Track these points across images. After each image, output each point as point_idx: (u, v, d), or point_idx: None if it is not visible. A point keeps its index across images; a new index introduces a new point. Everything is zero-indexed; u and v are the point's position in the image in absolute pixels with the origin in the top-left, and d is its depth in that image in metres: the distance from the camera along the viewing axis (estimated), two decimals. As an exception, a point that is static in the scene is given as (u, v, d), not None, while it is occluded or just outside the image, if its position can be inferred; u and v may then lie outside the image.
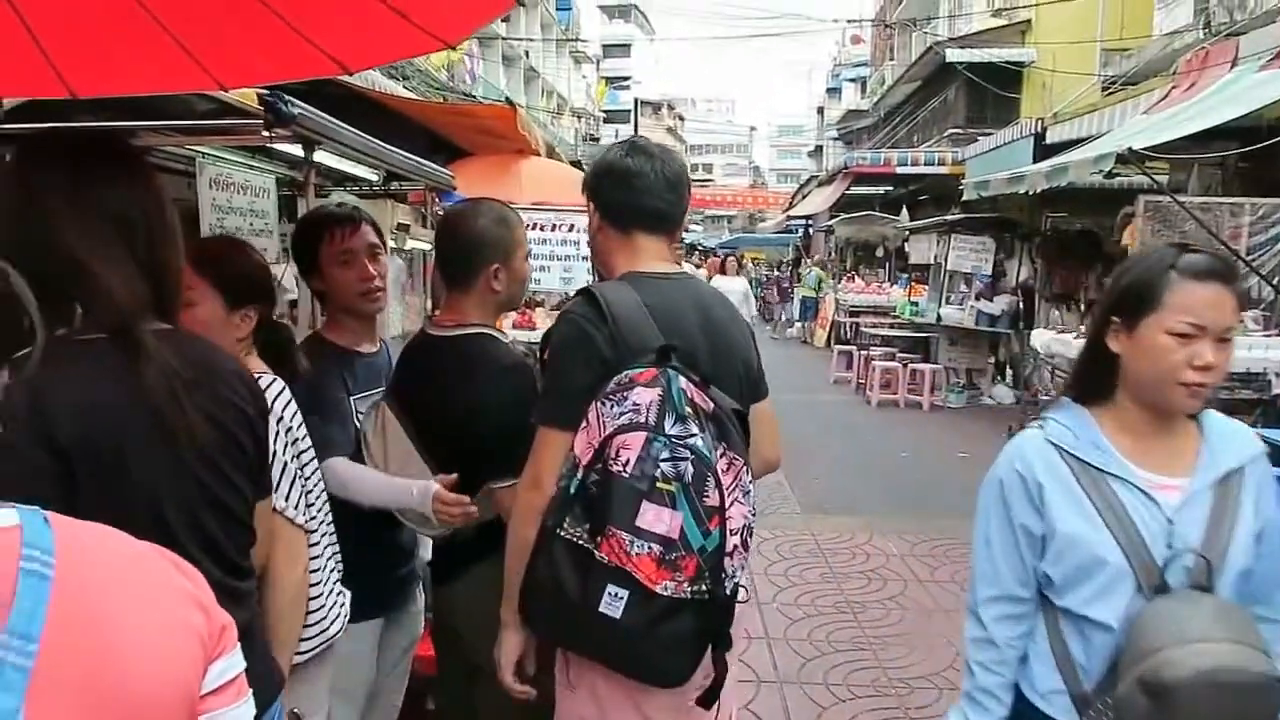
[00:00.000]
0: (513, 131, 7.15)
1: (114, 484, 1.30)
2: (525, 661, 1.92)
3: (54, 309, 1.31)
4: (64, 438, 1.26)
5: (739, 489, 1.72)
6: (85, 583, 0.76)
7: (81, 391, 1.30)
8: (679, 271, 2.05)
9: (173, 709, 0.78)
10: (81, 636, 0.73)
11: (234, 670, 0.85)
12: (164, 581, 0.84)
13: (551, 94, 40.55)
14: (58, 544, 0.76)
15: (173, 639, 0.80)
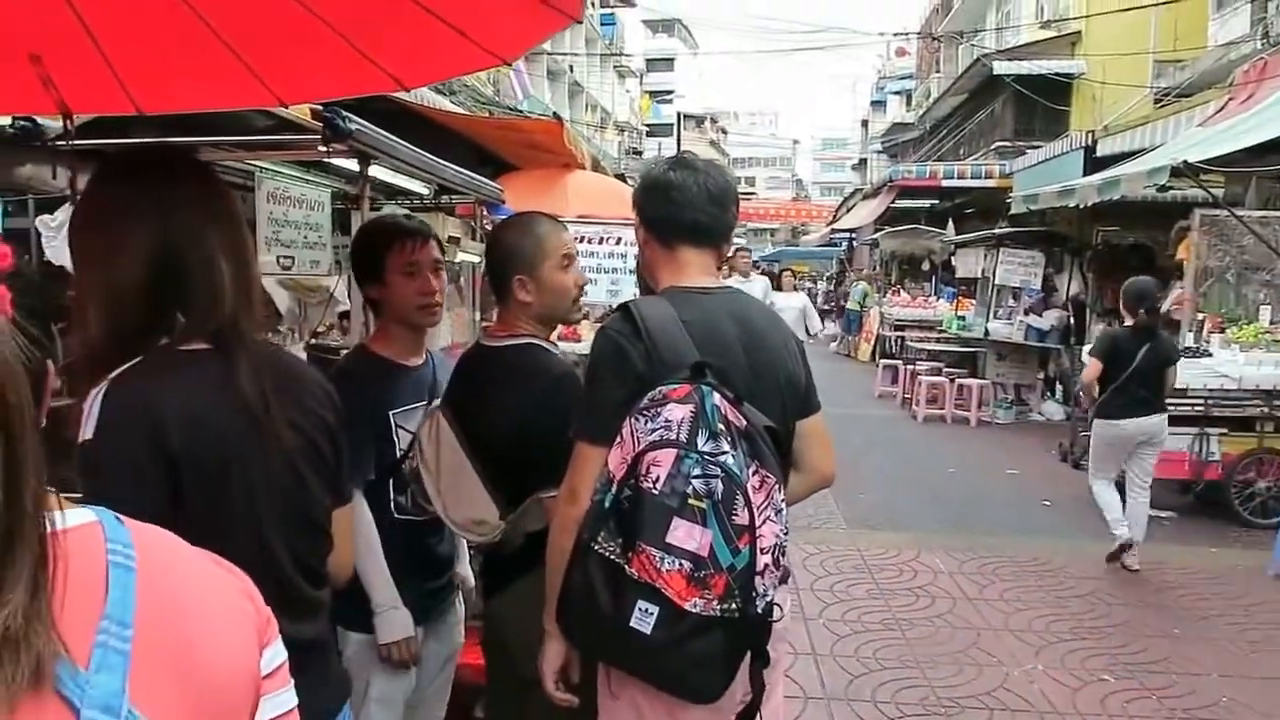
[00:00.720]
0: (560, 145, 7.21)
1: (216, 492, 1.33)
2: (569, 670, 1.93)
3: (161, 318, 1.36)
4: (175, 447, 1.29)
5: (770, 507, 1.71)
6: (160, 574, 0.81)
7: (189, 401, 1.33)
8: (721, 286, 2.05)
9: (244, 690, 0.84)
10: (165, 623, 0.78)
11: (280, 658, 0.90)
12: (219, 575, 0.89)
13: (595, 108, 40.83)
14: (133, 539, 0.81)
15: (237, 626, 0.86)
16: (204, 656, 0.80)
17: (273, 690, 0.87)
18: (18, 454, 0.69)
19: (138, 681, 0.73)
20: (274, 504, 1.40)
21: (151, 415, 1.29)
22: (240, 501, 1.36)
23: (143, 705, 0.72)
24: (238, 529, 1.34)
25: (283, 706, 0.88)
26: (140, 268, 1.36)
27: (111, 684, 0.71)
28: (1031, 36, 22.13)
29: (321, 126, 2.95)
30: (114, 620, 0.74)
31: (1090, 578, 5.69)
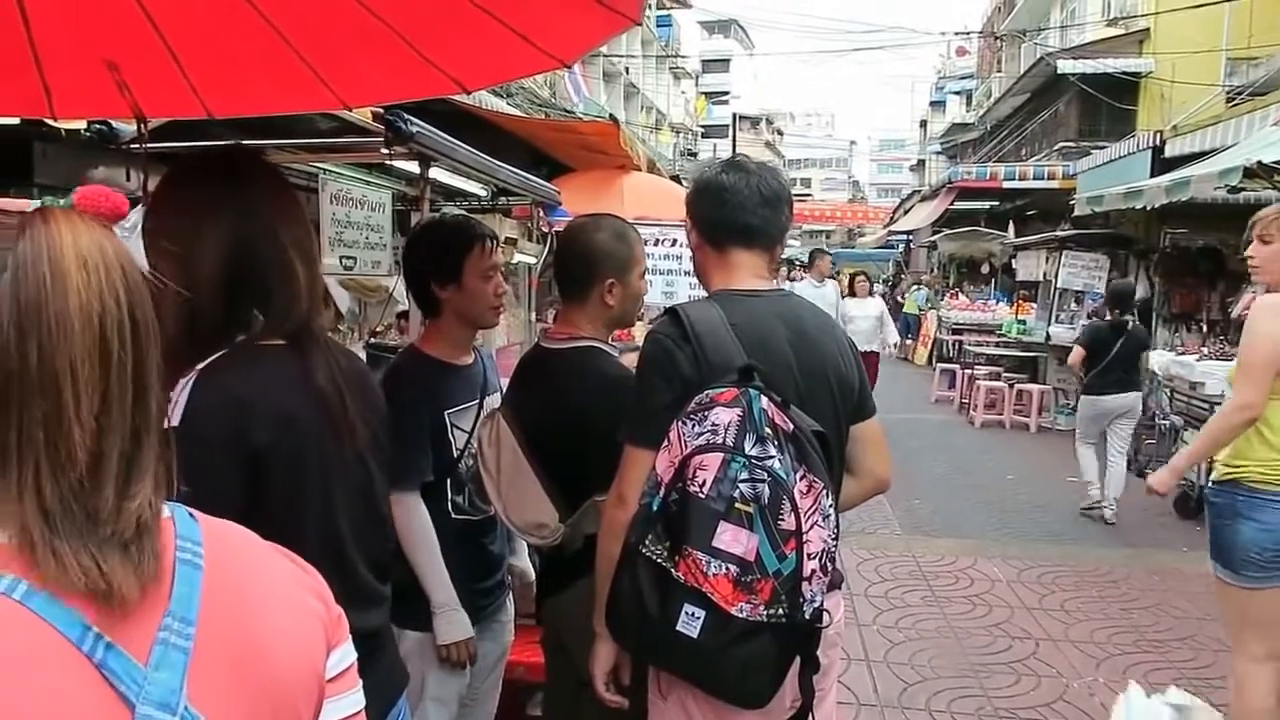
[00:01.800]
0: (615, 147, 7.24)
1: (295, 486, 1.37)
2: (620, 672, 1.94)
3: (238, 315, 1.40)
4: (259, 438, 1.33)
5: (818, 512, 1.70)
6: (229, 572, 0.82)
7: (273, 395, 1.37)
8: (772, 288, 2.04)
9: (308, 690, 0.84)
10: (230, 622, 0.79)
11: (349, 660, 0.90)
12: (291, 574, 0.90)
13: (650, 109, 40.88)
14: (204, 536, 0.82)
15: (304, 625, 0.86)
16: (268, 656, 0.81)
17: (339, 692, 0.87)
18: (144, 364, 0.76)
19: (197, 679, 0.73)
20: (347, 498, 1.44)
21: (239, 406, 1.32)
22: (316, 495, 1.39)
23: (201, 703, 0.73)
24: (313, 522, 1.37)
25: (349, 709, 0.89)
26: (218, 266, 1.40)
27: (170, 681, 0.72)
28: (1097, 34, 21.59)
29: (384, 129, 3.00)
30: (177, 618, 0.75)
31: (1154, 589, 5.55)
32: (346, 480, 1.44)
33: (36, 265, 0.72)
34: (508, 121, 7.30)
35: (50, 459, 0.71)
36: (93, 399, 0.72)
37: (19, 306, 0.71)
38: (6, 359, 0.71)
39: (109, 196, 0.79)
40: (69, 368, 0.71)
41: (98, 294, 0.73)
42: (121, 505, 0.73)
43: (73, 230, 0.74)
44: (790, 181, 2.20)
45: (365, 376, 1.56)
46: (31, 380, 0.70)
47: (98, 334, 0.72)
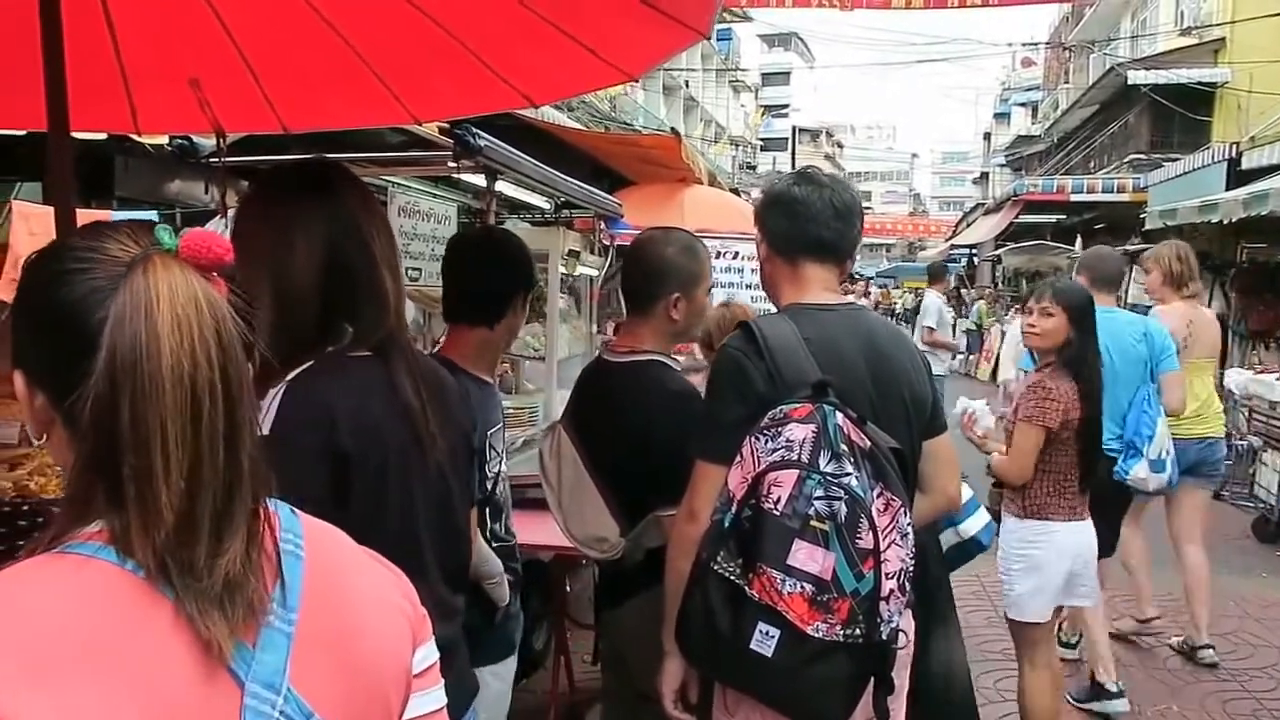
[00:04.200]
0: (676, 160, 7.26)
1: (378, 495, 1.38)
2: (688, 690, 1.92)
3: (328, 326, 1.41)
4: (346, 446, 1.34)
5: (896, 531, 1.66)
6: (326, 565, 0.86)
7: (360, 404, 1.38)
8: (845, 302, 2.02)
9: (397, 682, 0.88)
10: (327, 612, 0.83)
11: (433, 658, 0.93)
12: (380, 572, 0.93)
13: (710, 122, 40.92)
14: (304, 530, 0.86)
15: (393, 620, 0.90)
16: (361, 647, 0.84)
17: (424, 688, 0.90)
18: (237, 418, 0.77)
19: (298, 662, 0.77)
20: (426, 508, 1.44)
21: (328, 414, 1.33)
22: (397, 505, 1.40)
23: (301, 686, 0.77)
24: (393, 531, 1.38)
25: (433, 705, 0.92)
26: (310, 277, 1.41)
27: (275, 663, 0.76)
28: (1170, 44, 21.08)
29: (452, 143, 3.04)
30: (280, 604, 0.79)
31: (1232, 615, 5.34)
32: (427, 491, 1.45)
33: (133, 323, 0.73)
34: (569, 135, 7.37)
35: (140, 514, 0.73)
36: (182, 459, 0.73)
37: (114, 363, 0.72)
38: (101, 412, 0.73)
39: (213, 245, 0.79)
40: (159, 427, 0.72)
41: (189, 354, 0.74)
42: (214, 563, 0.75)
43: (170, 284, 0.75)
44: (860, 195, 2.16)
45: (449, 389, 1.57)
46: (123, 436, 0.72)
47: (189, 394, 0.74)
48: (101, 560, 0.72)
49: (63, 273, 0.78)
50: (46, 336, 0.80)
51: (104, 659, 0.69)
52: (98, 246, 0.79)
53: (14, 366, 0.83)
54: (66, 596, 0.71)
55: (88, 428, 0.73)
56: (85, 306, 0.76)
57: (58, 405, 0.79)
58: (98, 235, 0.81)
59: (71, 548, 0.74)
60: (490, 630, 2.00)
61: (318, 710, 0.78)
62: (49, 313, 0.79)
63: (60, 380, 0.77)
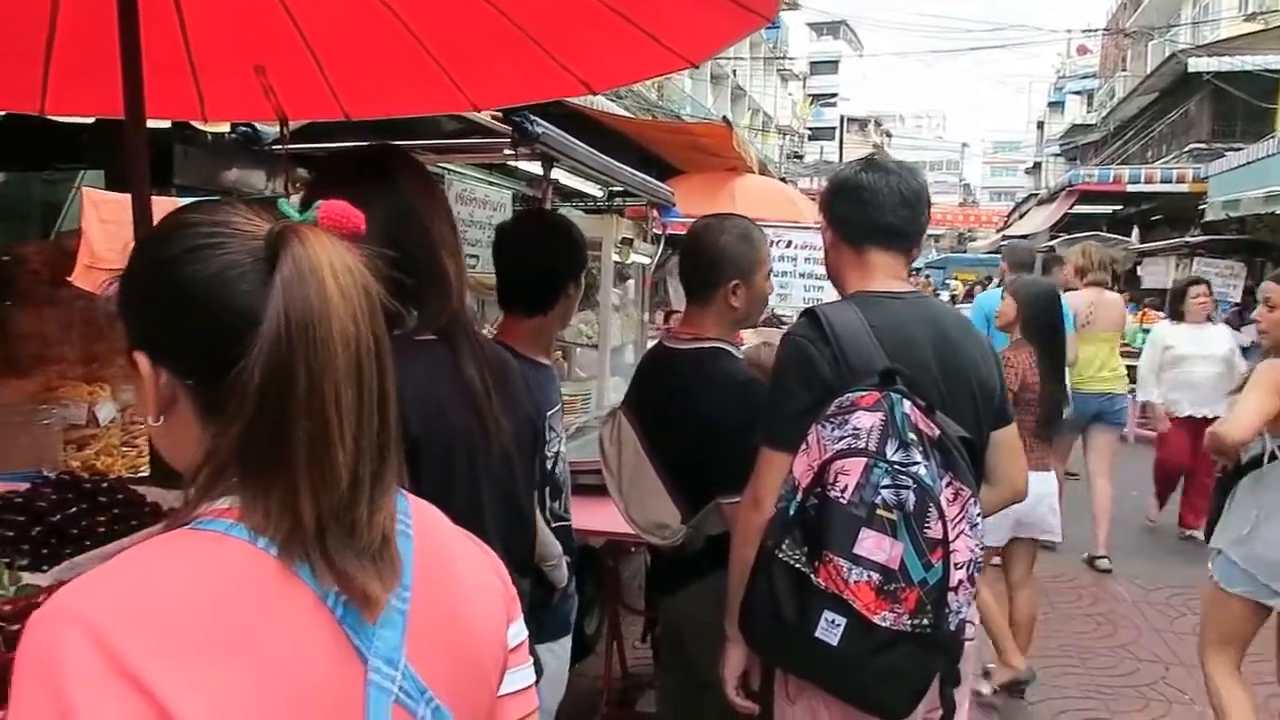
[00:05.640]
0: (728, 149, 7.22)
1: (445, 479, 1.39)
2: (750, 676, 1.92)
3: (395, 312, 1.42)
4: (416, 430, 1.34)
5: (965, 521, 1.64)
6: (432, 545, 0.87)
7: (427, 388, 1.39)
8: (912, 290, 1.99)
9: (495, 658, 0.89)
10: (435, 590, 0.84)
11: (523, 635, 0.94)
12: (475, 551, 0.95)
13: (757, 112, 40.64)
14: (411, 509, 0.87)
15: (490, 599, 0.91)
16: (465, 625, 0.86)
17: (516, 664, 0.92)
18: (385, 383, 0.80)
19: (412, 641, 0.78)
20: (491, 492, 1.45)
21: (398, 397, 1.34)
22: (464, 489, 1.41)
23: (416, 663, 0.78)
24: (460, 514, 1.38)
25: (524, 681, 0.93)
26: (372, 262, 1.42)
27: (393, 639, 0.77)
28: (1233, 30, 20.49)
29: (510, 130, 3.04)
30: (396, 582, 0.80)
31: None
32: (491, 475, 1.45)
33: (303, 287, 0.73)
34: (619, 123, 7.37)
35: (312, 479, 0.74)
36: (352, 421, 0.75)
37: (289, 326, 0.73)
38: (272, 380, 0.73)
39: (349, 216, 0.80)
40: (334, 391, 0.73)
41: (352, 318, 0.75)
42: (372, 520, 0.77)
43: (328, 251, 0.76)
44: (928, 183, 2.13)
45: (511, 372, 1.57)
46: (298, 401, 0.73)
47: (354, 357, 0.75)
48: (235, 538, 0.73)
49: (190, 250, 0.77)
50: (175, 315, 0.78)
51: (242, 636, 0.70)
52: (225, 221, 0.79)
53: (132, 347, 0.82)
54: (204, 574, 0.72)
55: (252, 397, 0.72)
56: (225, 281, 0.76)
57: (186, 384, 0.79)
58: (218, 211, 0.80)
59: (203, 524, 0.75)
60: (548, 609, 2.01)
61: (431, 687, 0.79)
62: (181, 291, 0.77)
63: (194, 359, 0.77)
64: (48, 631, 0.67)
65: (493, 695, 0.89)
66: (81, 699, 0.63)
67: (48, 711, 0.64)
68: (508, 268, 2.24)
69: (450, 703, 0.81)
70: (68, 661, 0.65)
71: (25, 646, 0.68)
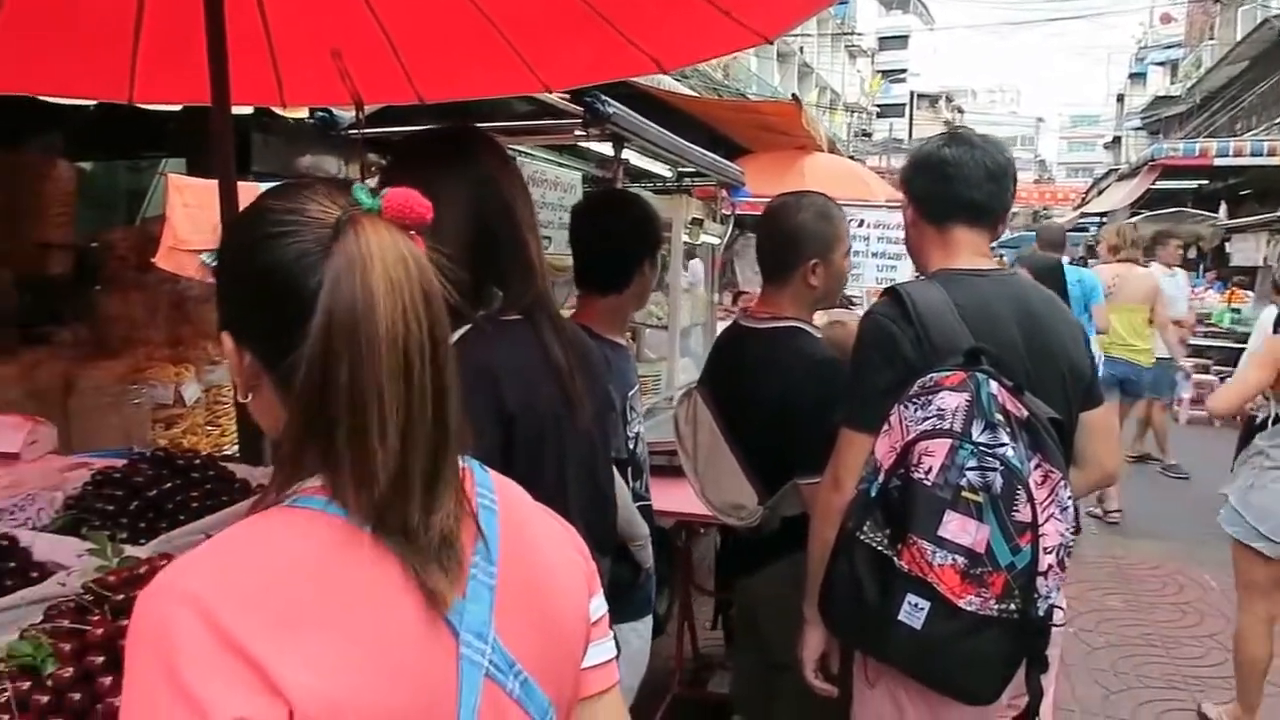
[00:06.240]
0: (797, 127, 7.13)
1: (535, 456, 1.40)
2: (829, 659, 1.90)
3: (478, 292, 1.43)
4: (511, 407, 1.37)
5: (1055, 504, 1.59)
6: (515, 519, 0.88)
7: (517, 366, 1.40)
8: (998, 268, 1.93)
9: (578, 634, 0.90)
10: (519, 565, 0.84)
11: (603, 609, 0.95)
12: (557, 526, 0.96)
13: (825, 89, 40.01)
14: (494, 485, 0.89)
15: (572, 573, 0.92)
16: (549, 595, 0.87)
17: (598, 638, 0.92)
18: (443, 382, 0.78)
19: (500, 616, 0.79)
20: (575, 471, 1.46)
21: (491, 375, 1.35)
22: (551, 467, 1.41)
23: (504, 636, 0.79)
24: (547, 493, 1.39)
25: (606, 654, 0.93)
26: (457, 244, 1.42)
27: (481, 613, 0.78)
28: (1331, -7, 19.48)
29: (582, 110, 3.04)
30: (482, 557, 0.81)
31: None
32: (577, 454, 1.46)
33: (349, 285, 0.73)
34: (686, 102, 7.32)
35: (353, 474, 0.74)
36: (397, 420, 0.74)
37: (332, 325, 0.73)
38: (318, 373, 0.73)
39: (414, 204, 0.80)
40: (376, 388, 0.73)
41: (402, 316, 0.74)
42: (428, 520, 0.77)
43: (381, 245, 0.75)
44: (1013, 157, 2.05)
45: (592, 353, 1.57)
46: (340, 397, 0.73)
47: (402, 355, 0.74)
48: (331, 515, 0.75)
49: (269, 236, 0.79)
50: (256, 300, 0.80)
51: (341, 611, 0.72)
52: (299, 209, 0.79)
53: (220, 328, 0.85)
54: (302, 550, 0.74)
55: (303, 388, 0.74)
56: (295, 269, 0.76)
57: (267, 366, 0.80)
58: (297, 196, 0.81)
59: (299, 501, 0.76)
60: (633, 589, 2.02)
61: (519, 660, 0.80)
62: (257, 277, 0.79)
63: (271, 342, 0.78)
64: (158, 607, 0.69)
65: (577, 668, 0.90)
66: (193, 674, 0.65)
67: (161, 683, 0.66)
68: (584, 247, 2.24)
69: (538, 675, 0.82)
70: (179, 638, 0.67)
71: (137, 622, 0.70)
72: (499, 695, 0.78)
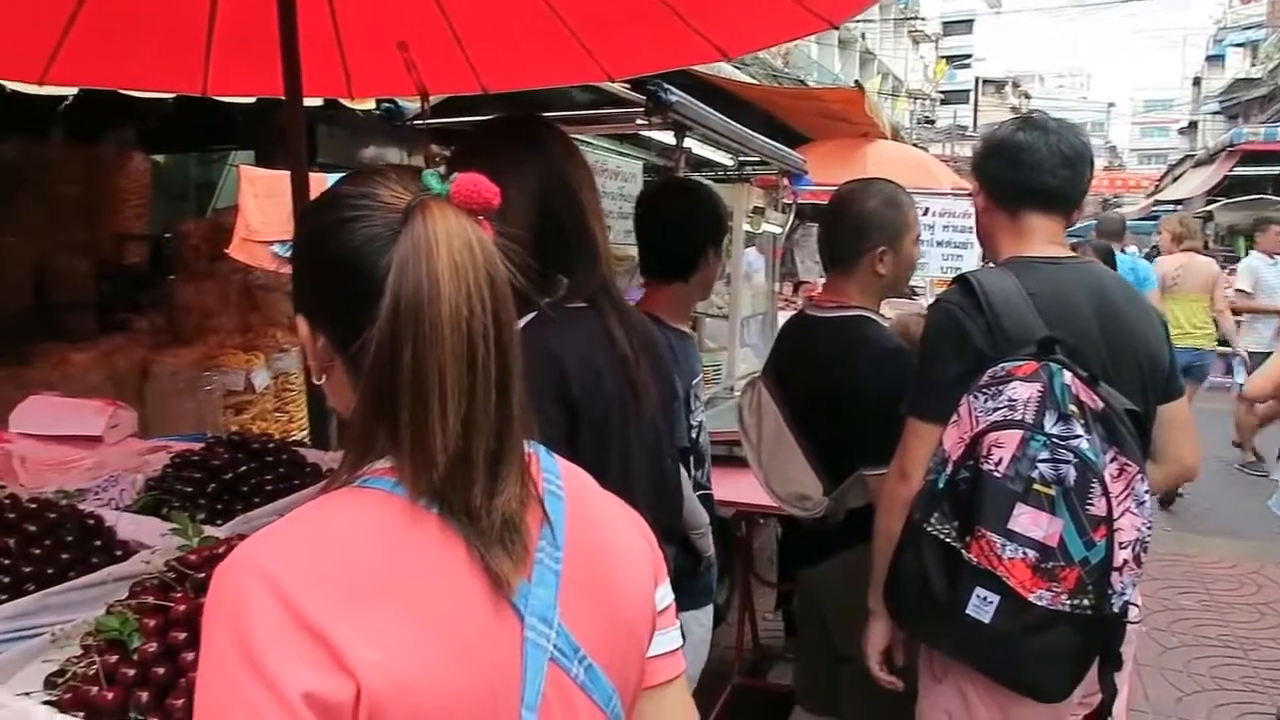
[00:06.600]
0: (860, 114, 7.03)
1: (600, 444, 1.40)
2: (894, 652, 1.88)
3: (544, 279, 1.44)
4: (574, 394, 1.37)
5: (1131, 498, 1.55)
6: (582, 506, 0.88)
7: (583, 353, 1.40)
8: (1072, 256, 1.88)
9: (644, 619, 0.90)
10: (586, 551, 0.85)
11: (670, 598, 0.95)
12: (624, 513, 0.95)
13: (887, 76, 39.36)
14: (561, 471, 0.89)
15: (639, 561, 0.91)
16: (616, 586, 0.86)
17: (664, 627, 0.92)
18: (508, 362, 0.79)
19: (565, 601, 0.80)
20: (641, 459, 1.46)
21: (557, 361, 1.36)
22: (617, 454, 1.41)
23: (569, 622, 0.80)
24: (613, 481, 1.39)
25: (672, 643, 0.93)
26: (525, 231, 1.43)
27: (547, 598, 0.79)
28: None
29: (644, 99, 3.03)
30: (548, 541, 0.82)
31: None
32: (641, 441, 1.46)
33: (414, 270, 0.75)
34: (745, 90, 7.26)
35: (415, 456, 0.76)
36: (459, 404, 0.75)
37: (398, 309, 0.74)
38: (383, 357, 0.75)
39: (482, 189, 0.80)
40: (438, 372, 0.74)
41: (466, 299, 0.75)
42: (491, 503, 0.77)
43: (448, 230, 0.76)
44: (1090, 141, 2.00)
45: (657, 340, 1.57)
46: (403, 380, 0.74)
47: (465, 339, 0.75)
48: (399, 496, 0.76)
49: (341, 221, 0.80)
50: (329, 284, 0.82)
51: (409, 590, 0.73)
52: (370, 194, 0.81)
53: (295, 311, 0.87)
54: (371, 530, 0.75)
55: (371, 370, 0.75)
56: (366, 254, 0.78)
57: (339, 348, 0.82)
58: (369, 182, 0.82)
59: (369, 482, 0.78)
60: (694, 577, 2.02)
61: (583, 645, 0.80)
62: (330, 261, 0.81)
63: (343, 324, 0.80)
64: (234, 582, 0.71)
65: (642, 656, 0.89)
66: (265, 646, 0.67)
67: (236, 656, 0.68)
68: (650, 235, 2.25)
69: (602, 662, 0.82)
70: (253, 612, 0.69)
71: (214, 595, 0.72)
72: (564, 680, 0.79)
